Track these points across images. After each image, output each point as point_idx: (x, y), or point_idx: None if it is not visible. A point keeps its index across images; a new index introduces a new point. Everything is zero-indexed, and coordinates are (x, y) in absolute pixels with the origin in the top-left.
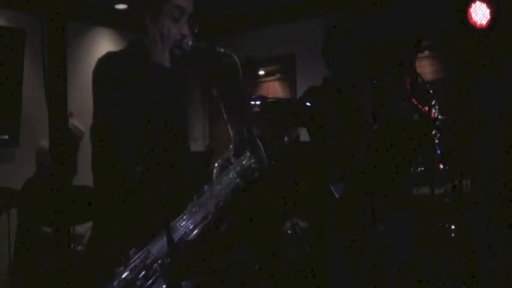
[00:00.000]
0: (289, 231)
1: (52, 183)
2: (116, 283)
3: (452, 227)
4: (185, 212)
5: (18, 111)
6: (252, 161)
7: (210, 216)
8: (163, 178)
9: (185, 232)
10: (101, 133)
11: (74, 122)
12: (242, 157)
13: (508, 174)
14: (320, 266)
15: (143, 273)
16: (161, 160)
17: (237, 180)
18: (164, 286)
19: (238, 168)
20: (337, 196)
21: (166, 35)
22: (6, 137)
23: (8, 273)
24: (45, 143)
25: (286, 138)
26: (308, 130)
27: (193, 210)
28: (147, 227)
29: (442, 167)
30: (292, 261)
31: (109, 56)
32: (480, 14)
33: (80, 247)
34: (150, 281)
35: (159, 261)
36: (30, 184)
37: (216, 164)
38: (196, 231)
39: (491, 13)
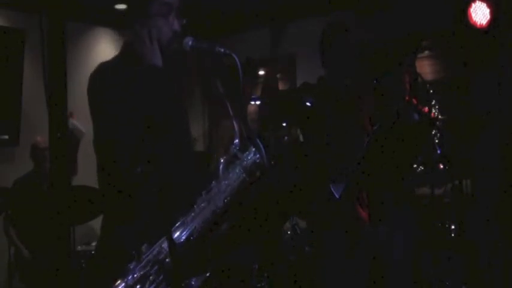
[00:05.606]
0: (289, 231)
1: (49, 181)
2: (129, 278)
3: (452, 227)
4: (195, 207)
5: (18, 111)
6: (257, 156)
7: (218, 211)
8: (167, 177)
9: (195, 227)
10: (105, 147)
11: (74, 122)
12: (247, 152)
13: (508, 174)
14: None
15: (156, 267)
16: (164, 160)
17: (243, 175)
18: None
19: (244, 163)
20: (336, 196)
21: (157, 34)
22: (6, 137)
23: (8, 273)
24: (40, 139)
25: (286, 138)
26: (304, 130)
27: (202, 205)
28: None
29: (442, 167)
30: (292, 261)
31: (100, 70)
32: (480, 14)
33: (79, 247)
34: (161, 276)
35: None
36: (22, 182)
37: (222, 160)
38: (205, 226)
39: (491, 13)
